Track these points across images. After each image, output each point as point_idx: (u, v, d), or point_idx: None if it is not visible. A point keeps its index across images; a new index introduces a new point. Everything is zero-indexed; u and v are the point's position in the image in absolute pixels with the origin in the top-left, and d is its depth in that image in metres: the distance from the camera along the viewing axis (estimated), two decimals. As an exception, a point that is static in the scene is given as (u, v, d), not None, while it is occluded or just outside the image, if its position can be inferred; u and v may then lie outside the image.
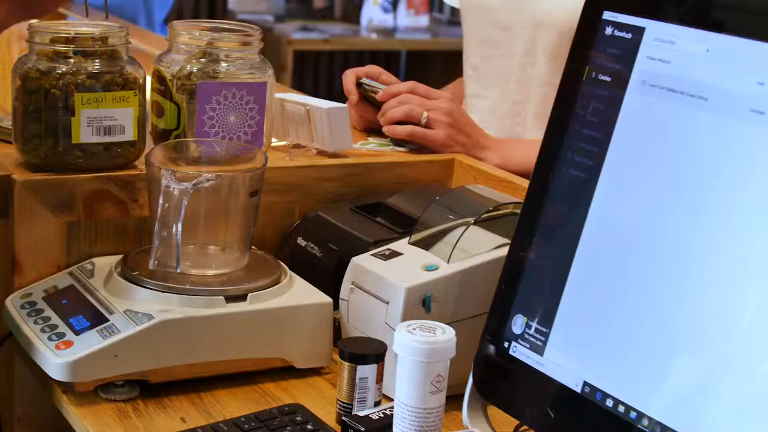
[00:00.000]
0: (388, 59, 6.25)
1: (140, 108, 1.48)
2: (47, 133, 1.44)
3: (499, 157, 1.75)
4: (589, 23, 1.21)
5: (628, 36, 1.16)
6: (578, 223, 1.16)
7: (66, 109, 1.44)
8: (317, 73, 6.01)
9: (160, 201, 1.31)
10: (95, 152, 1.46)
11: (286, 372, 1.38)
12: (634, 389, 1.06)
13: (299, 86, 5.72)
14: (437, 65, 6.05)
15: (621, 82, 1.16)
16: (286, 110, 1.67)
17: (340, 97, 1.84)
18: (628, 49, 1.16)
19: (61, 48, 1.44)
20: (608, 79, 1.17)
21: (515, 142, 1.83)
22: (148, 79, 1.55)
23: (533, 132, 1.88)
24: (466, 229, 1.35)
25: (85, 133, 1.45)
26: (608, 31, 1.18)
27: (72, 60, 1.45)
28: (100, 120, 1.45)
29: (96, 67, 1.45)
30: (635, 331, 1.07)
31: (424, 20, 5.77)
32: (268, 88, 1.56)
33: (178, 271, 1.31)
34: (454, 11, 6.14)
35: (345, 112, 1.63)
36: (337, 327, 1.41)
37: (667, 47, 1.12)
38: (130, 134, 1.48)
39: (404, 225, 1.51)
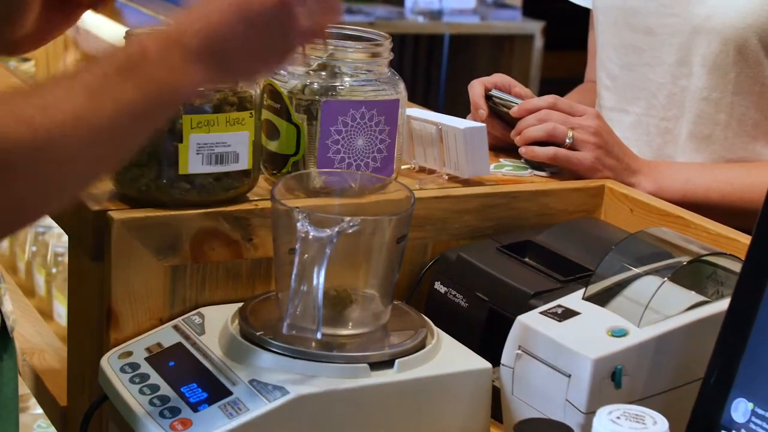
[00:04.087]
0: (431, 43, 6.01)
1: (256, 131, 1.26)
2: (149, 162, 1.22)
3: (653, 183, 1.51)
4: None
5: None
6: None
7: (172, 134, 1.21)
8: (359, 57, 5.76)
9: (297, 249, 1.09)
10: (204, 184, 1.24)
11: (436, 451, 1.17)
12: None
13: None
14: (482, 49, 5.80)
15: None
16: (413, 129, 1.44)
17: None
18: None
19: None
20: None
21: (669, 165, 1.59)
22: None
23: (687, 154, 1.63)
24: (661, 285, 1.13)
25: (194, 163, 1.22)
26: None
27: (176, 75, 1.22)
28: (212, 146, 1.23)
29: (205, 83, 1.23)
30: None
31: (470, 2, 5.53)
32: (401, 106, 1.34)
33: (319, 336, 1.09)
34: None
35: (483, 133, 1.40)
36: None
37: None
38: (244, 163, 1.25)
39: (561, 269, 1.29)
